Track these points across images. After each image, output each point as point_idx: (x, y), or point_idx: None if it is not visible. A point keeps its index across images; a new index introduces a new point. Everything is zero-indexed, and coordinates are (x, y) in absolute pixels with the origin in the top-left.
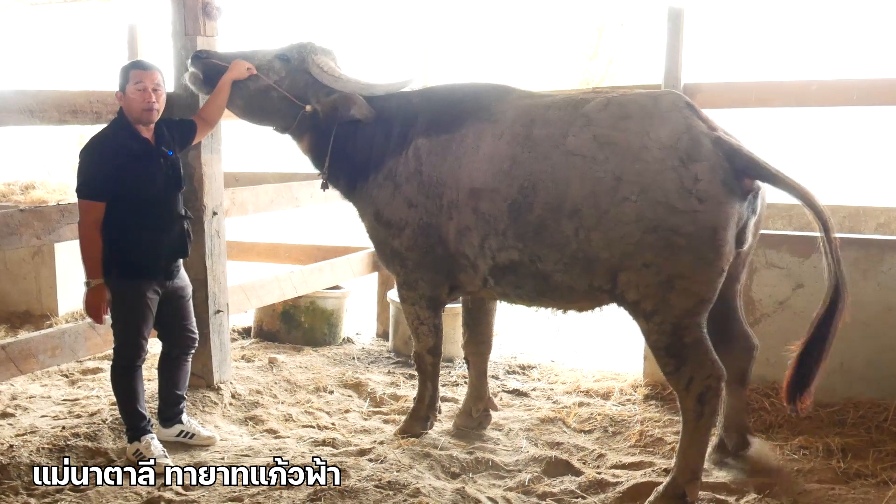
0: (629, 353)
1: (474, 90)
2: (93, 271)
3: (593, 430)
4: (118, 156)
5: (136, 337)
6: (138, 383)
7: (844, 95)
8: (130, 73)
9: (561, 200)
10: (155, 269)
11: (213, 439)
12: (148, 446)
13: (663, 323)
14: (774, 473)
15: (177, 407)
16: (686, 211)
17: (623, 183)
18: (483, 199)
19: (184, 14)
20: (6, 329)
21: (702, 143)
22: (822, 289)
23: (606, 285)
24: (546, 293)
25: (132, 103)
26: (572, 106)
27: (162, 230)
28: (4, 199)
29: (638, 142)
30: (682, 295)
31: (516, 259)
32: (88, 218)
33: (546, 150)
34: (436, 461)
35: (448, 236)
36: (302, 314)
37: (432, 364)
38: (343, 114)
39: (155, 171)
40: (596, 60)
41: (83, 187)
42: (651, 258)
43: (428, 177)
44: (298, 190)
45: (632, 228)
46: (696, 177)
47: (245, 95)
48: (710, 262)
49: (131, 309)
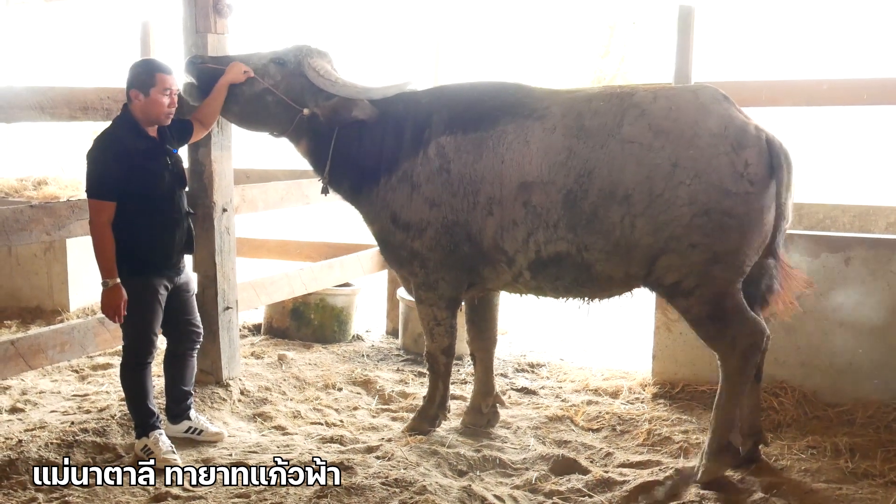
0: (638, 352)
1: (495, 88)
2: (109, 271)
3: (601, 429)
4: (128, 155)
5: (147, 333)
6: (148, 380)
7: (855, 95)
8: (157, 77)
9: (614, 187)
10: (166, 265)
11: (222, 435)
12: (156, 442)
13: (703, 294)
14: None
15: (184, 403)
16: (739, 193)
17: (679, 168)
18: (536, 191)
19: (195, 11)
20: (17, 324)
21: (747, 131)
22: (832, 288)
23: (642, 272)
24: (585, 283)
25: (155, 107)
26: (618, 98)
27: (171, 227)
28: (17, 195)
29: (690, 130)
30: (726, 268)
31: (563, 251)
32: (101, 218)
33: (601, 139)
34: (443, 459)
35: (483, 233)
36: (312, 311)
37: (445, 364)
38: (345, 116)
39: (162, 170)
40: (608, 58)
41: (94, 187)
42: (699, 239)
43: (458, 175)
44: (308, 187)
45: (684, 211)
46: (746, 161)
47: (241, 101)
48: (754, 239)
49: (142, 306)
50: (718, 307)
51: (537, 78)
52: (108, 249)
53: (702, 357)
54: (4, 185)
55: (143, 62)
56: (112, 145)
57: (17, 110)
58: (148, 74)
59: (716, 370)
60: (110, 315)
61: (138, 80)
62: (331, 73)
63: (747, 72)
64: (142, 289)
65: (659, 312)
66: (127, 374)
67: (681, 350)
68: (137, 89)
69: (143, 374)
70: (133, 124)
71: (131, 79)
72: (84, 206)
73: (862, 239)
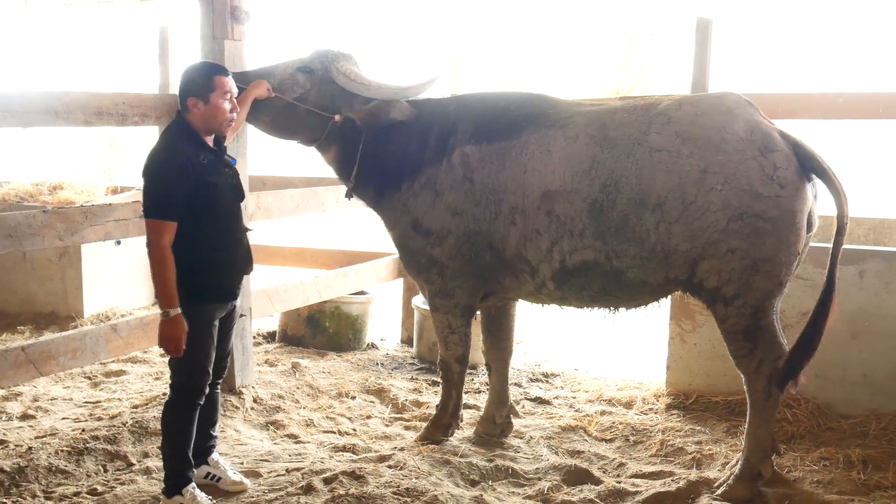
0: (653, 362)
1: (520, 99)
2: (170, 299)
3: (614, 439)
4: (192, 169)
5: (202, 369)
6: (195, 423)
7: (871, 108)
8: (216, 80)
9: (645, 195)
10: (226, 290)
11: (244, 485)
12: (193, 499)
13: (744, 306)
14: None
15: (206, 444)
16: (770, 196)
17: (709, 174)
18: (559, 201)
19: (212, 18)
20: (31, 330)
21: (773, 136)
22: (845, 300)
23: (683, 275)
24: (614, 292)
25: (218, 113)
26: (642, 108)
27: (233, 246)
28: (32, 199)
29: (717, 136)
30: (765, 278)
31: (591, 259)
32: (163, 240)
33: (628, 148)
34: (455, 468)
35: (505, 242)
36: (327, 319)
37: (459, 373)
38: (383, 118)
39: (224, 183)
40: (626, 69)
41: (155, 206)
42: (737, 244)
43: (481, 184)
44: (324, 195)
45: (718, 216)
46: (775, 165)
47: (272, 112)
48: (790, 245)
49: (198, 337)
50: (754, 323)
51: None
52: (170, 275)
53: (716, 368)
54: (20, 189)
55: (199, 66)
56: (173, 158)
57: (32, 115)
58: (207, 79)
59: (730, 381)
60: (170, 349)
61: (195, 86)
62: (363, 77)
63: (764, 84)
64: (198, 318)
65: (673, 323)
66: (173, 415)
67: (695, 361)
68: (196, 97)
69: (192, 415)
70: (192, 135)
71: (187, 85)
72: (98, 211)
73: (876, 252)
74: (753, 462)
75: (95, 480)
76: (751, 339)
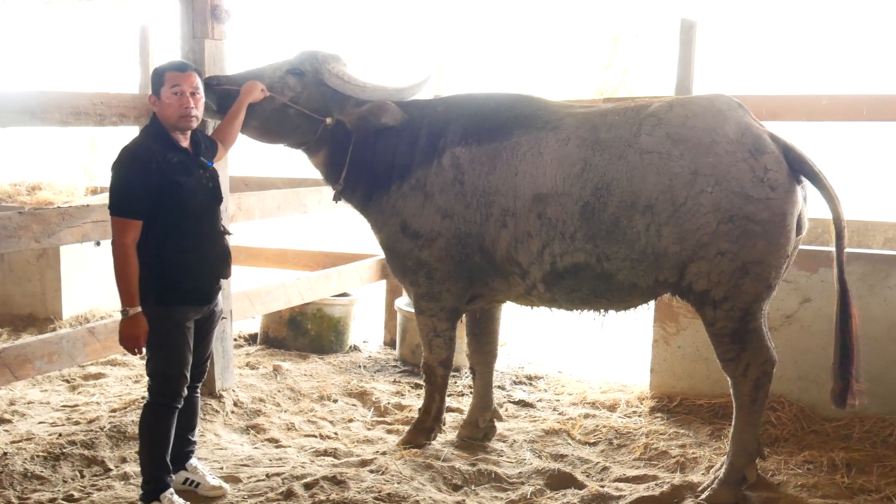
0: (636, 365)
1: (510, 100)
2: (130, 297)
3: (598, 443)
4: (158, 168)
5: (179, 370)
6: (173, 427)
7: (854, 110)
8: (166, 76)
9: (635, 197)
10: (198, 292)
11: (223, 490)
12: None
13: (732, 309)
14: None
15: (185, 449)
16: (760, 199)
17: (699, 176)
18: (550, 203)
19: (192, 17)
20: (9, 332)
21: (763, 138)
22: (830, 303)
23: (673, 278)
24: (604, 294)
25: (168, 109)
26: (633, 110)
27: (204, 248)
28: (10, 200)
29: (708, 138)
30: (755, 280)
31: (581, 261)
32: (126, 238)
33: (619, 150)
34: (437, 473)
35: (496, 245)
36: (309, 321)
37: (443, 376)
38: (374, 122)
39: (195, 184)
40: (610, 70)
41: (118, 204)
42: (726, 246)
43: (472, 186)
44: (306, 196)
45: (709, 218)
46: (765, 167)
47: (261, 117)
48: (780, 247)
49: (171, 340)
50: (743, 326)
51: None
52: (131, 274)
53: (700, 371)
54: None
55: (160, 65)
56: (139, 156)
57: (7, 115)
58: (158, 75)
59: (714, 384)
60: (129, 347)
61: (152, 83)
62: (357, 78)
63: (748, 86)
64: (170, 320)
65: (657, 326)
66: (151, 418)
67: (679, 364)
68: (153, 93)
69: (169, 420)
70: (162, 134)
71: (151, 83)
72: (75, 213)
73: (859, 254)
74: (738, 466)
75: (72, 486)
76: (738, 343)
